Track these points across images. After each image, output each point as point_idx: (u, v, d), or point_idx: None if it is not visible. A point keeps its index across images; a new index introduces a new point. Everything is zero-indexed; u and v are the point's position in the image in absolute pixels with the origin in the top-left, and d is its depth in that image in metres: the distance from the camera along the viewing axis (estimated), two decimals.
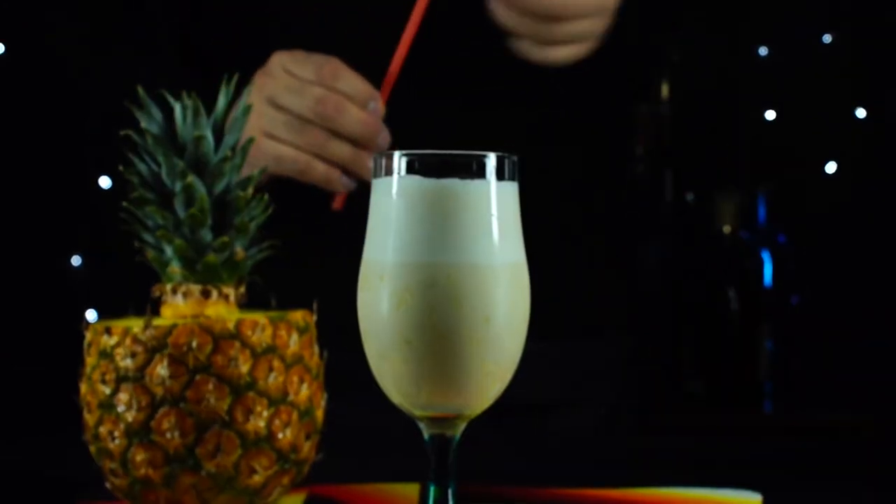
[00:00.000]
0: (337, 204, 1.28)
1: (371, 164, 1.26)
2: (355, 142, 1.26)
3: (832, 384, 2.18)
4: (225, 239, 0.99)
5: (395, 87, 1.26)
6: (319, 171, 1.27)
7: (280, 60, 1.28)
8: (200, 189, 0.98)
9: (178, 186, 0.98)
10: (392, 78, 1.25)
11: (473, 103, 1.38)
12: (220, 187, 1.00)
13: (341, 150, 1.26)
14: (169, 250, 0.99)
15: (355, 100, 1.26)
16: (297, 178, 1.28)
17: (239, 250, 1.00)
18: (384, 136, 1.26)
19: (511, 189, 0.87)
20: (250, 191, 1.01)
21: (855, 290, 2.22)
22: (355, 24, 1.35)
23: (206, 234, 0.99)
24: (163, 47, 1.46)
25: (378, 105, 1.26)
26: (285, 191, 1.27)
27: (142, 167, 1.00)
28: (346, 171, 1.27)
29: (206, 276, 0.99)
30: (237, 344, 0.96)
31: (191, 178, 0.98)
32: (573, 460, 1.26)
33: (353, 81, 1.26)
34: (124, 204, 1.00)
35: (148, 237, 1.00)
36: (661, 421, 1.99)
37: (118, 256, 1.06)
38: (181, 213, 0.99)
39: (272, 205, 1.02)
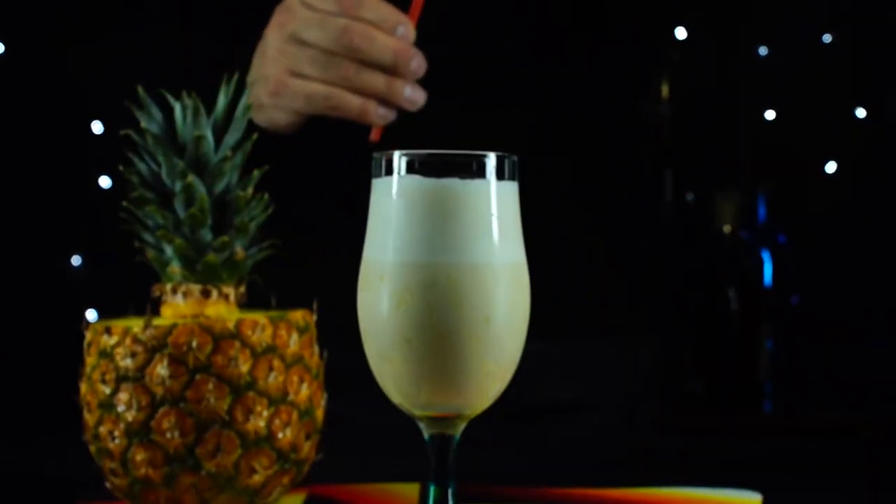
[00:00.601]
0: (374, 136, 1.22)
1: (407, 91, 1.22)
2: (388, 70, 1.20)
3: (832, 384, 2.18)
4: (225, 239, 0.99)
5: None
6: (354, 104, 1.21)
7: None
8: (200, 189, 0.98)
9: (178, 186, 0.98)
10: (419, 1, 1.20)
11: (474, 103, 1.38)
12: (220, 187, 1.00)
13: (374, 80, 1.21)
14: (169, 250, 0.99)
15: (383, 27, 1.20)
16: (330, 115, 1.24)
17: (239, 250, 1.00)
18: (418, 61, 1.21)
19: (511, 189, 0.87)
20: (250, 190, 1.01)
21: (855, 290, 2.22)
22: None
23: (206, 234, 0.99)
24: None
25: (408, 29, 1.20)
26: (316, 138, 1.24)
27: (142, 167, 1.00)
28: (382, 102, 1.22)
29: (206, 275, 0.99)
30: (237, 344, 0.96)
31: (191, 178, 0.98)
32: (573, 460, 1.26)
33: (378, 8, 1.21)
34: (124, 204, 1.00)
35: (148, 237, 1.00)
36: (661, 421, 1.99)
37: (118, 256, 1.06)
38: (181, 212, 0.99)
39: (272, 204, 1.02)
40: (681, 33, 2.14)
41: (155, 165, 1.00)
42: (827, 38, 2.21)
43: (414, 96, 1.22)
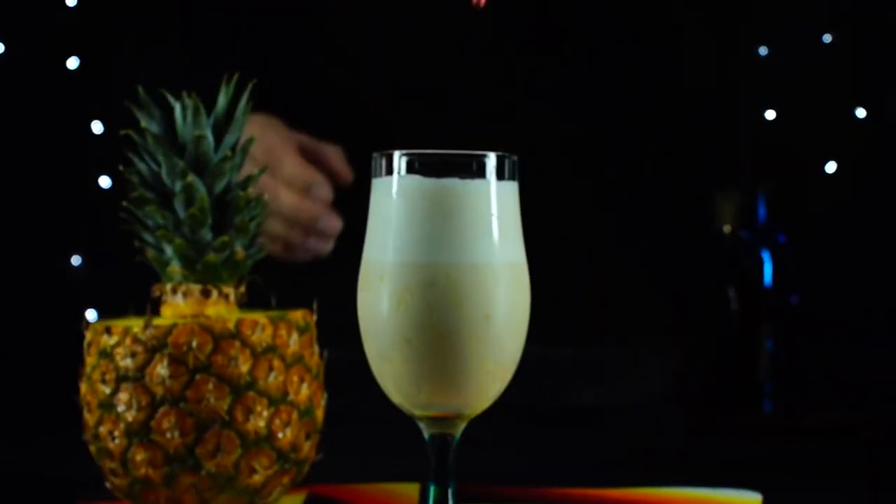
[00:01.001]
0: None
1: (310, 242, 1.36)
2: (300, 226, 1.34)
3: (832, 384, 2.17)
4: (225, 238, 0.99)
5: (401, 90, 1.25)
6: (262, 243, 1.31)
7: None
8: (200, 189, 0.98)
9: (178, 186, 0.98)
10: None
11: (477, 106, 1.38)
12: (220, 187, 1.00)
13: (275, 228, 1.34)
14: (169, 250, 0.99)
15: (292, 185, 1.34)
16: None
17: (239, 250, 1.00)
18: (329, 223, 1.34)
19: (511, 189, 0.87)
20: (250, 190, 1.01)
21: (855, 290, 2.22)
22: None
23: (206, 234, 0.99)
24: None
25: (323, 191, 1.34)
26: None
27: (142, 167, 1.00)
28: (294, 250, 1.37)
29: (206, 275, 0.99)
30: (237, 343, 0.96)
31: (191, 178, 0.98)
32: (573, 460, 1.26)
33: (296, 166, 1.34)
34: (124, 204, 1.00)
35: (148, 237, 1.00)
36: (662, 421, 1.98)
37: (118, 256, 1.06)
38: (181, 212, 0.98)
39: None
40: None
41: (155, 165, 1.00)
42: (827, 38, 2.21)
43: (316, 247, 1.36)
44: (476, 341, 0.84)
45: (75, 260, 2.05)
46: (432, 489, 0.87)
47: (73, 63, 1.88)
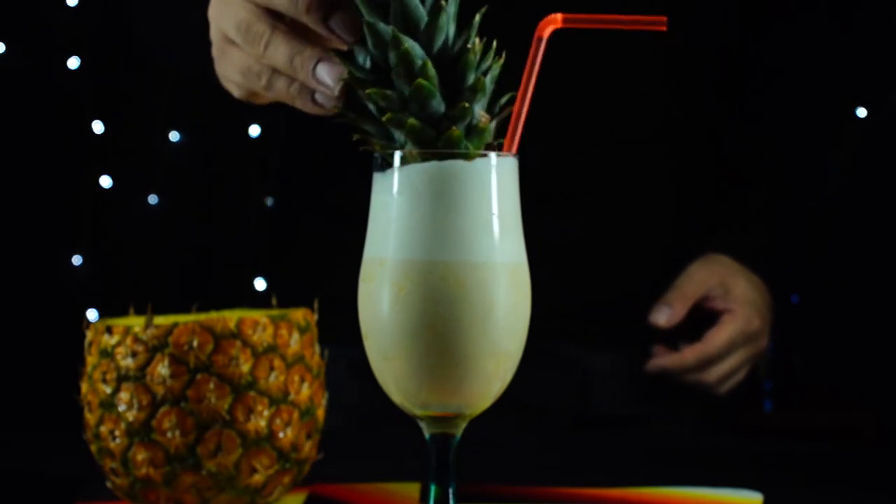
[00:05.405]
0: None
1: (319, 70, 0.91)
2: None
3: (832, 384, 2.18)
4: (464, 105, 0.84)
5: None
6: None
7: None
8: (419, 52, 0.83)
9: (392, 57, 0.83)
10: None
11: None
12: (438, 44, 0.84)
13: (277, 51, 0.95)
14: (399, 135, 0.84)
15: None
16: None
17: (482, 114, 0.85)
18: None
19: (512, 188, 0.87)
20: (476, 41, 0.84)
21: (855, 290, 2.22)
22: None
23: (439, 105, 0.84)
24: None
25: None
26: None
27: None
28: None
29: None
30: (238, 343, 0.96)
31: (407, 44, 0.82)
32: (573, 460, 1.26)
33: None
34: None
35: (369, 127, 0.86)
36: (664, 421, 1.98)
37: (118, 256, 1.06)
38: (404, 87, 0.84)
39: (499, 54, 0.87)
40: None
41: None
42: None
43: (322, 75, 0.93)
44: (476, 341, 0.84)
45: (76, 260, 2.05)
46: (433, 489, 0.87)
47: (73, 63, 1.88)
